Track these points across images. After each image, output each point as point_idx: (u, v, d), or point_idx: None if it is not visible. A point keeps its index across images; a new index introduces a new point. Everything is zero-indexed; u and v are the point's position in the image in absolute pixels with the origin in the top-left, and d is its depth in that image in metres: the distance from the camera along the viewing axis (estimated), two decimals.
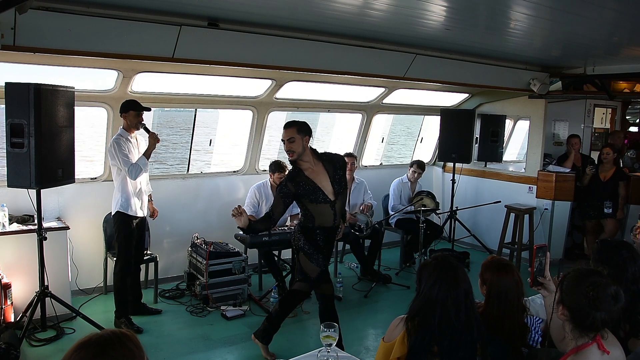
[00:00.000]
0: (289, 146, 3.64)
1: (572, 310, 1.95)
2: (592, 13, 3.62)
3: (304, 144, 3.66)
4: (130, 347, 1.35)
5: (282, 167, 5.45)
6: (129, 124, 4.40)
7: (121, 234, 4.43)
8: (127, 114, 4.38)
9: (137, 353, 1.36)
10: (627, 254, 2.48)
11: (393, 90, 6.51)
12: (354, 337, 4.39)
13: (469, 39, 4.71)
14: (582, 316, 1.93)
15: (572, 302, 1.95)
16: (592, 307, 1.90)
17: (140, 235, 4.65)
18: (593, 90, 6.59)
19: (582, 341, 1.94)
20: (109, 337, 1.35)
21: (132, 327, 4.39)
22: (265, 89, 5.68)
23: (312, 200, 3.67)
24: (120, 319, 4.44)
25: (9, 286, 4.20)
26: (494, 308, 2.42)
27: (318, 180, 3.67)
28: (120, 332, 1.37)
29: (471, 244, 7.16)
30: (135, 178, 4.34)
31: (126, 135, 4.40)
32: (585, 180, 6.26)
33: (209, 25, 4.02)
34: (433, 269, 2.19)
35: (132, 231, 4.47)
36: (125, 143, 4.35)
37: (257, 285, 5.52)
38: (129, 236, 4.45)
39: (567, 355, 1.97)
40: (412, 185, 6.61)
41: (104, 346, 1.32)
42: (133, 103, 4.42)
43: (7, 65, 4.24)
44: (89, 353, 1.31)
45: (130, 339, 1.37)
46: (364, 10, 3.78)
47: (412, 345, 2.10)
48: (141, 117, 4.41)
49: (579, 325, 1.94)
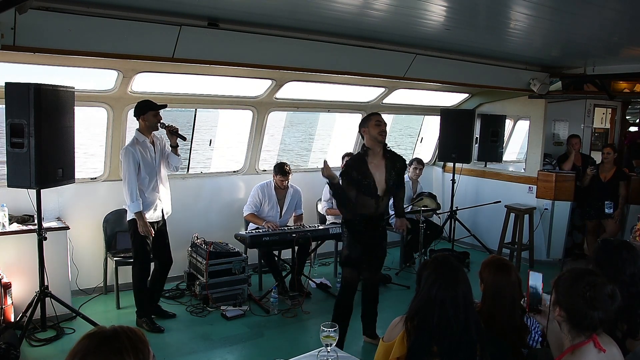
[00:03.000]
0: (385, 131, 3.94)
1: (570, 311, 1.95)
2: (592, 13, 3.62)
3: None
4: (136, 342, 1.37)
5: (285, 172, 5.46)
6: (147, 126, 4.29)
7: (136, 239, 4.35)
8: (145, 115, 4.26)
9: (141, 346, 1.38)
10: (627, 254, 2.48)
11: (393, 90, 6.51)
12: (354, 337, 4.39)
13: (469, 39, 4.71)
14: (580, 316, 1.93)
15: (569, 303, 1.95)
16: (590, 307, 1.90)
17: (162, 236, 4.54)
18: (593, 90, 6.58)
19: (579, 340, 1.95)
20: (115, 330, 1.38)
21: (154, 326, 4.36)
22: (265, 89, 5.68)
23: (364, 191, 3.87)
24: (142, 318, 4.42)
25: (9, 286, 4.19)
26: (489, 306, 2.42)
27: (377, 175, 3.90)
28: (128, 328, 1.40)
29: (471, 244, 7.16)
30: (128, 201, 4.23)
31: (142, 139, 4.29)
32: (586, 181, 6.26)
33: (209, 25, 4.02)
34: (433, 269, 2.19)
35: (147, 238, 4.37)
36: (140, 152, 4.24)
37: (257, 285, 5.52)
38: (144, 241, 4.35)
39: (564, 354, 1.98)
40: (414, 185, 6.62)
41: (110, 338, 1.35)
42: (149, 103, 4.31)
43: (7, 65, 4.24)
44: (92, 342, 1.34)
45: (136, 334, 1.39)
46: (364, 11, 3.78)
47: (412, 345, 2.10)
48: (159, 116, 4.31)
49: (577, 325, 1.95)
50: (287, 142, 18.46)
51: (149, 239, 4.37)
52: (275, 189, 5.57)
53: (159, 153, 4.43)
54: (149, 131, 4.34)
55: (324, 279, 5.75)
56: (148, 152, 4.33)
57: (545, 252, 6.76)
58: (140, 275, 4.42)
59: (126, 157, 4.22)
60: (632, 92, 6.65)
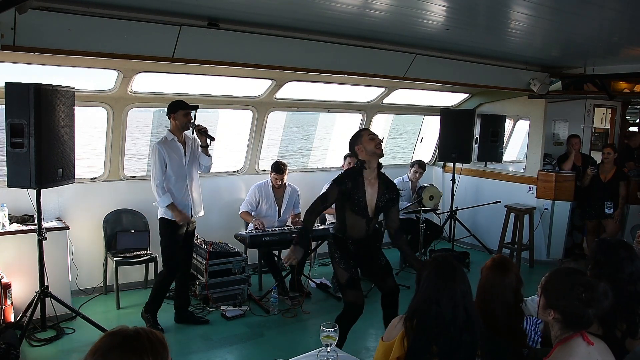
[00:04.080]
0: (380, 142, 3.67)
1: (566, 313, 1.97)
2: (592, 13, 3.62)
3: None
4: (156, 344, 1.39)
5: (280, 169, 5.48)
6: (177, 125, 4.30)
7: (164, 240, 4.35)
8: (175, 114, 4.28)
9: (162, 350, 1.40)
10: (625, 254, 2.48)
11: (393, 90, 6.51)
12: (354, 337, 4.38)
13: (469, 39, 4.71)
14: (577, 317, 1.95)
15: (565, 306, 1.97)
16: (587, 306, 1.93)
17: (189, 242, 4.56)
18: (593, 90, 6.59)
19: (567, 334, 1.98)
20: (137, 331, 1.40)
21: (156, 325, 4.35)
22: (265, 89, 5.68)
23: (353, 209, 3.59)
24: (147, 313, 4.41)
25: (9, 286, 4.20)
26: (479, 303, 2.40)
27: (369, 193, 3.62)
28: (150, 330, 1.42)
29: (471, 244, 7.16)
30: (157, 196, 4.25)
31: (170, 137, 4.30)
32: (586, 181, 6.26)
33: (209, 25, 4.02)
34: (431, 269, 2.19)
35: (177, 237, 4.37)
36: (166, 150, 4.25)
37: (257, 285, 5.52)
38: (173, 243, 4.35)
39: (554, 348, 2.00)
40: (413, 185, 6.62)
41: (131, 338, 1.37)
42: (180, 102, 4.32)
43: (7, 65, 4.24)
44: (115, 340, 1.36)
45: (157, 337, 1.41)
46: (364, 10, 3.79)
47: (411, 345, 2.11)
48: (190, 117, 4.31)
49: (574, 325, 1.97)
50: (287, 142, 18.47)
51: (177, 242, 4.35)
52: (272, 188, 5.58)
53: (189, 153, 4.42)
54: (180, 131, 4.35)
55: (324, 279, 5.75)
56: (176, 151, 4.33)
57: (545, 252, 6.76)
58: (167, 279, 4.39)
59: (153, 154, 4.27)
60: (632, 92, 6.65)
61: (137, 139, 15.36)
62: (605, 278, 2.40)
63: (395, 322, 2.24)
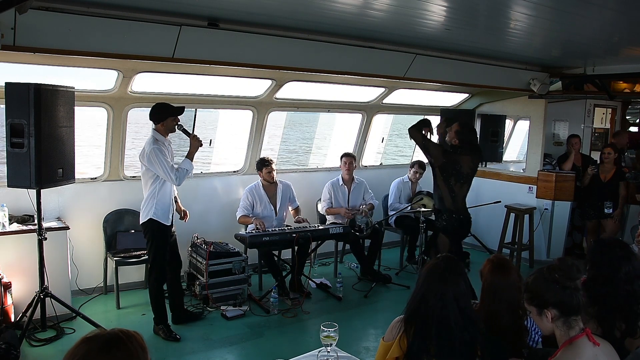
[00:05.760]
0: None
1: (557, 304, 1.99)
2: (592, 13, 3.62)
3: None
4: (135, 347, 1.36)
5: (267, 160, 5.53)
6: (165, 129, 4.28)
7: (155, 243, 4.31)
8: (165, 122, 4.25)
9: (141, 354, 1.37)
10: (621, 253, 2.48)
11: (393, 90, 6.51)
12: (354, 337, 4.39)
13: (469, 39, 4.71)
14: (567, 299, 1.98)
15: (552, 296, 2.00)
16: (568, 284, 1.99)
17: (173, 241, 4.56)
18: (593, 90, 6.58)
19: (574, 332, 1.98)
20: (115, 334, 1.36)
21: (170, 335, 4.28)
22: (265, 89, 5.68)
23: (455, 177, 4.50)
24: (159, 325, 4.35)
25: (9, 286, 4.20)
26: (487, 305, 2.42)
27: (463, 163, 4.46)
28: (127, 332, 1.39)
29: (471, 244, 7.15)
30: (180, 183, 4.27)
31: (160, 138, 4.28)
32: (586, 181, 6.25)
33: (209, 25, 4.02)
34: (429, 269, 2.20)
35: (167, 240, 4.37)
36: (162, 151, 4.23)
37: (257, 285, 5.52)
38: (164, 245, 4.34)
39: (561, 348, 2.00)
40: (413, 186, 6.62)
41: (109, 343, 1.34)
42: (167, 108, 4.27)
43: (7, 65, 4.24)
44: (93, 347, 1.32)
45: (135, 339, 1.38)
46: (364, 10, 3.78)
47: (410, 345, 2.11)
48: (177, 119, 4.29)
49: (572, 311, 1.99)
50: (287, 142, 18.46)
51: (167, 244, 4.35)
52: (264, 187, 5.57)
53: (171, 153, 4.43)
54: (166, 133, 4.33)
55: (324, 279, 5.75)
56: (166, 152, 4.33)
57: (545, 252, 6.76)
58: (158, 281, 4.36)
59: (155, 156, 4.17)
60: (632, 92, 6.65)
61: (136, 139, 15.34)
62: (603, 278, 2.41)
63: (395, 322, 2.24)
